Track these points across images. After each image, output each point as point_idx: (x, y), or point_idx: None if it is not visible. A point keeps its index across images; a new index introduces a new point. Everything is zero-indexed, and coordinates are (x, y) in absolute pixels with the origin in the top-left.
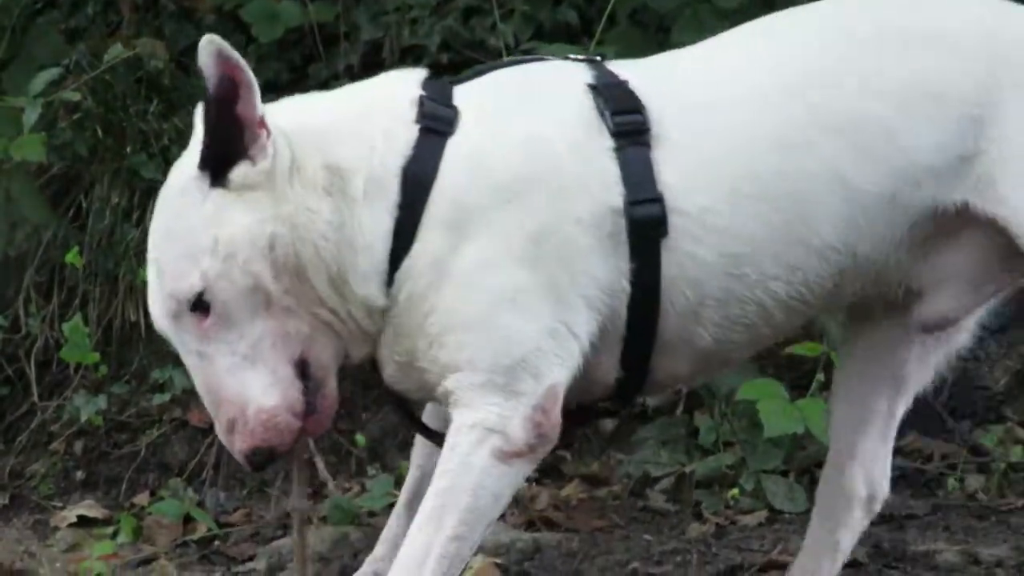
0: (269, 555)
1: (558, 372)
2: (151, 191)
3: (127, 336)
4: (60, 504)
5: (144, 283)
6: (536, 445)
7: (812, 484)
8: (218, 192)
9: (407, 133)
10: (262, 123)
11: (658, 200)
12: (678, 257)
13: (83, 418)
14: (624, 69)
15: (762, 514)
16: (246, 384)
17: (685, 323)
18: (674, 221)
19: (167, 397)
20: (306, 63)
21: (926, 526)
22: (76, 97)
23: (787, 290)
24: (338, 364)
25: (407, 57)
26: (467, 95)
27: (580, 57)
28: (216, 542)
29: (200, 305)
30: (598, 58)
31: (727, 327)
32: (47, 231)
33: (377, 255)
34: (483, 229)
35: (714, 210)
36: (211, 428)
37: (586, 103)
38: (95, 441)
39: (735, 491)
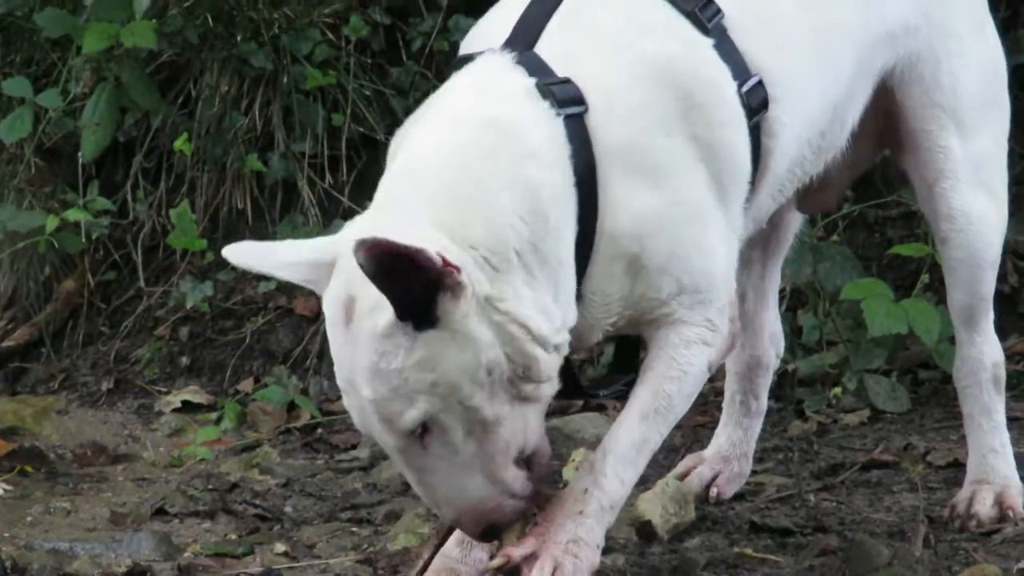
0: (372, 444)
1: (733, 273)
2: (260, 79)
3: (234, 223)
4: (164, 389)
5: (252, 171)
6: (729, 349)
7: (915, 384)
8: (426, 335)
9: (556, 129)
10: (446, 263)
11: (760, 81)
12: (772, 127)
13: (189, 304)
14: None
15: (864, 413)
16: (469, 488)
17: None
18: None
19: (272, 285)
20: None
21: None
22: None
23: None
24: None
25: None
26: (560, 57)
27: None
28: (319, 430)
29: (418, 431)
30: None
31: (783, 188)
32: (156, 117)
33: (570, 266)
34: (657, 170)
35: (794, 74)
36: (316, 316)
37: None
38: (200, 327)
39: (837, 390)
